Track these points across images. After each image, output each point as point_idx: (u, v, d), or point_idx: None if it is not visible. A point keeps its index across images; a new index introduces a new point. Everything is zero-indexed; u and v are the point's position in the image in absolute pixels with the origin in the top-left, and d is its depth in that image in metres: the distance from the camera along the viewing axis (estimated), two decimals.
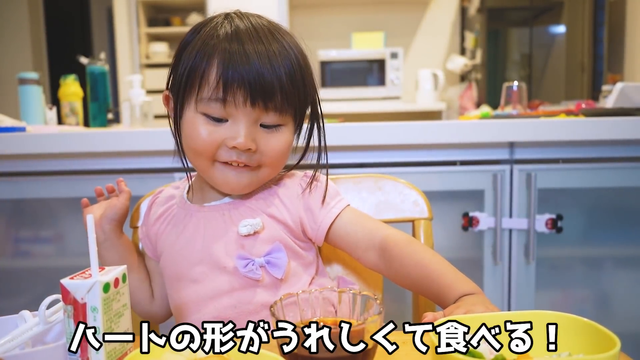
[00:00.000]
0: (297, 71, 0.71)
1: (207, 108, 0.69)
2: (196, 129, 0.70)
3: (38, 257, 1.50)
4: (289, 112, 0.72)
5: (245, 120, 0.69)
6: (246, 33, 0.69)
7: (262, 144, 0.71)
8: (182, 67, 0.71)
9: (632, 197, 1.43)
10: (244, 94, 0.67)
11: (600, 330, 0.48)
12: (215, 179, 0.73)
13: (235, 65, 0.67)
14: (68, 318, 0.50)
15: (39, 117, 1.74)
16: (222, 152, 0.70)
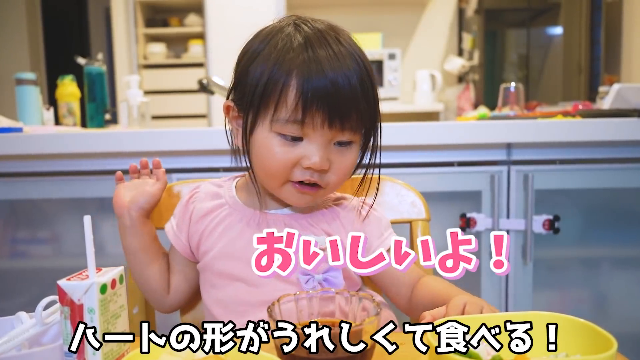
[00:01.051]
0: (370, 88, 0.69)
1: (283, 128, 0.68)
2: (271, 150, 0.69)
3: (35, 258, 1.50)
4: (360, 130, 0.71)
5: (321, 141, 0.68)
6: (320, 45, 0.67)
7: (334, 163, 0.70)
8: (253, 80, 0.69)
9: (629, 198, 1.44)
10: (322, 116, 0.66)
11: (598, 331, 0.48)
12: (282, 196, 0.73)
13: (313, 84, 0.65)
14: (65, 319, 0.50)
15: (36, 117, 1.73)
16: (296, 172, 0.70)
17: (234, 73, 0.75)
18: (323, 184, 0.71)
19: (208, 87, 1.91)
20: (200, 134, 1.34)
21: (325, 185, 0.71)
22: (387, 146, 1.38)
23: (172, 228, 0.83)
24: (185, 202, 0.83)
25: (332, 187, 0.73)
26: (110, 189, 1.41)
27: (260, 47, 0.70)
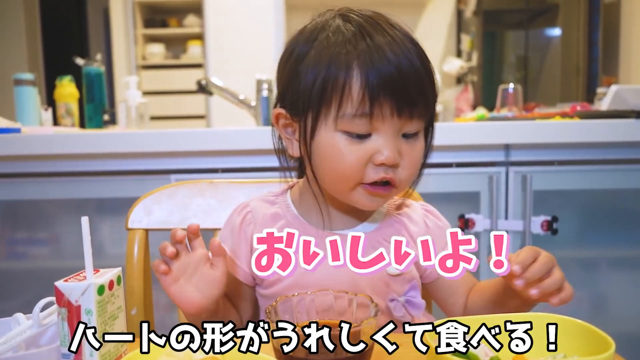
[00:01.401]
0: (430, 69, 0.65)
1: (350, 125, 0.62)
2: (339, 150, 0.63)
3: (33, 258, 1.49)
4: (426, 118, 0.67)
5: (390, 132, 0.63)
6: (374, 29, 0.63)
7: (405, 156, 0.65)
8: (307, 80, 0.63)
9: (627, 198, 1.44)
10: (390, 104, 0.61)
11: (595, 332, 0.48)
12: (352, 201, 0.67)
13: (376, 71, 0.60)
14: (62, 321, 0.50)
15: (35, 118, 1.73)
16: (368, 172, 0.64)
17: (279, 78, 0.70)
18: (396, 182, 0.65)
19: (207, 88, 1.92)
20: (199, 135, 1.34)
21: (398, 183, 0.66)
22: None
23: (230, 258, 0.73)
24: (238, 226, 0.74)
25: (403, 184, 0.67)
26: (109, 189, 1.42)
27: (307, 46, 0.65)
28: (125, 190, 1.40)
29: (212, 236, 0.92)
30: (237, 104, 1.91)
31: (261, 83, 1.82)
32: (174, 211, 0.91)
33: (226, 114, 3.18)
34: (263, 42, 3.42)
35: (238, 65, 3.38)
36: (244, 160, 1.37)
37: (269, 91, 1.81)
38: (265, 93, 1.81)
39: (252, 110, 1.87)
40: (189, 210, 0.91)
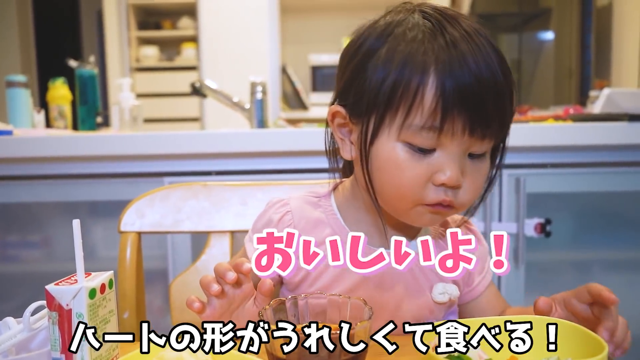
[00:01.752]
0: (513, 84, 0.59)
1: (414, 137, 0.56)
2: (399, 164, 0.57)
3: (25, 262, 1.48)
4: (497, 139, 0.60)
5: (457, 151, 0.57)
6: (462, 39, 0.56)
7: (468, 178, 0.59)
8: (375, 79, 0.57)
9: (620, 201, 1.44)
10: (464, 121, 0.55)
11: (589, 335, 0.48)
12: (409, 219, 0.62)
13: (455, 81, 0.54)
14: (53, 325, 0.49)
15: (27, 120, 1.72)
16: (429, 192, 0.58)
17: (341, 73, 0.63)
18: (457, 204, 0.60)
19: (201, 91, 1.91)
20: (193, 137, 1.34)
21: (459, 205, 0.60)
22: None
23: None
24: (275, 225, 0.68)
25: (465, 207, 0.62)
26: (102, 192, 1.41)
27: (379, 41, 0.58)
28: (118, 193, 1.39)
29: (204, 239, 0.92)
30: (231, 106, 1.91)
31: (255, 85, 1.81)
32: (166, 214, 0.91)
33: (220, 116, 3.17)
34: (257, 44, 3.42)
35: (232, 68, 3.37)
36: (238, 162, 1.37)
37: (263, 94, 1.81)
38: (259, 95, 1.81)
39: (246, 112, 1.86)
40: (182, 213, 0.91)
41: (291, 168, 1.35)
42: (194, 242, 1.38)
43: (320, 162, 1.34)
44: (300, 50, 3.79)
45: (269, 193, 0.92)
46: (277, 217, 0.69)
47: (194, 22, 3.77)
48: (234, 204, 0.91)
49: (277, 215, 0.69)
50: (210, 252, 0.90)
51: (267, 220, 0.69)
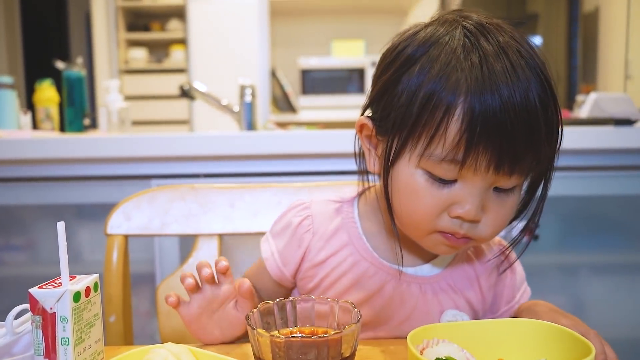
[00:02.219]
0: (555, 123, 0.54)
1: (434, 167, 0.54)
2: (417, 191, 0.55)
3: (9, 265, 1.46)
4: (534, 171, 0.57)
5: (480, 186, 0.54)
6: (498, 61, 0.52)
7: (490, 212, 0.56)
8: (406, 95, 0.54)
9: (606, 205, 1.46)
10: (489, 157, 0.51)
11: (576, 338, 0.49)
12: (424, 245, 0.61)
13: (485, 116, 0.50)
14: (36, 329, 0.48)
15: (13, 122, 1.70)
16: (442, 221, 0.56)
17: (375, 80, 0.60)
18: (475, 237, 0.57)
19: (189, 93, 1.90)
20: (181, 140, 1.33)
21: (477, 238, 0.58)
22: None
23: (274, 257, 0.68)
24: (294, 228, 0.67)
25: (484, 240, 0.60)
26: (88, 194, 1.39)
27: (415, 56, 0.55)
28: (105, 195, 1.38)
29: (192, 242, 0.91)
30: (220, 109, 1.90)
31: (244, 88, 1.81)
32: (154, 216, 0.90)
33: (209, 119, 3.16)
34: (247, 47, 3.42)
35: (221, 71, 3.36)
36: (226, 165, 1.36)
37: (252, 96, 1.81)
38: (248, 98, 1.80)
39: (235, 115, 1.86)
40: (169, 215, 0.90)
41: (280, 171, 1.35)
42: (181, 245, 1.37)
43: (309, 164, 1.34)
44: (290, 54, 3.79)
45: (257, 196, 0.91)
46: (297, 222, 0.67)
47: (183, 25, 3.76)
48: (222, 206, 0.91)
49: (297, 219, 0.67)
50: (198, 255, 0.90)
51: (287, 223, 0.68)
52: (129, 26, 3.94)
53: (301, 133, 1.46)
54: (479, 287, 0.67)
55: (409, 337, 0.47)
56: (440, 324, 0.51)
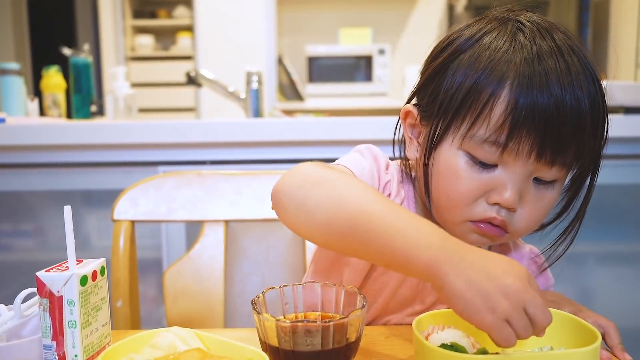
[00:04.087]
0: (601, 118, 0.55)
1: (476, 149, 0.54)
2: (456, 172, 0.56)
3: (18, 251, 1.47)
4: (575, 167, 0.57)
5: (520, 172, 0.54)
6: (550, 56, 0.53)
7: (527, 203, 0.56)
8: (452, 83, 0.56)
9: (614, 194, 1.45)
10: (531, 143, 0.52)
11: (582, 325, 0.48)
12: (456, 234, 0.56)
13: (531, 101, 0.51)
14: (44, 312, 0.49)
15: (20, 108, 1.71)
16: (479, 207, 0.56)
17: (423, 70, 0.61)
18: (509, 229, 0.57)
19: (196, 80, 1.90)
20: (188, 127, 1.33)
21: (512, 231, 0.57)
22: (376, 141, 1.38)
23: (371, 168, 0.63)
24: (383, 166, 0.65)
25: (518, 234, 0.59)
26: (95, 181, 1.40)
27: (467, 43, 0.56)
28: (112, 182, 1.38)
29: (199, 228, 0.91)
30: (226, 96, 1.89)
31: (251, 75, 1.80)
32: (160, 202, 0.90)
33: (216, 106, 3.16)
34: (253, 34, 3.40)
35: (228, 58, 3.35)
36: (233, 152, 1.36)
37: (258, 83, 1.80)
38: (255, 85, 1.80)
39: (241, 102, 1.85)
40: (175, 201, 0.90)
41: (286, 158, 1.35)
42: (188, 231, 1.38)
43: (316, 152, 1.34)
44: (297, 41, 3.77)
45: (263, 182, 0.91)
46: (384, 163, 0.66)
47: (189, 11, 3.74)
48: (228, 193, 0.91)
49: (384, 161, 0.66)
50: (204, 241, 0.90)
51: (376, 159, 0.65)
52: (136, 13, 3.93)
53: (307, 120, 1.46)
54: None
55: (415, 323, 0.47)
56: (445, 310, 0.51)
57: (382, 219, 0.48)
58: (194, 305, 0.89)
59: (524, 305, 0.42)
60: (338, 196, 0.51)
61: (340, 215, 0.50)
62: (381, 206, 0.49)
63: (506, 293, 0.42)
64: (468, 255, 0.44)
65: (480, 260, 0.44)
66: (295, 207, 0.53)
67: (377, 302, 0.66)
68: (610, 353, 0.56)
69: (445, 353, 0.43)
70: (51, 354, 0.48)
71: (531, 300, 0.42)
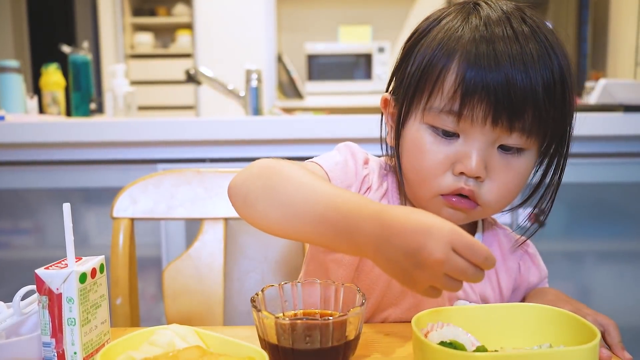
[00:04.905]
0: (558, 83, 0.56)
1: (435, 120, 0.57)
2: (421, 146, 0.58)
3: (17, 248, 1.47)
4: (538, 135, 0.57)
5: (481, 140, 0.56)
6: (498, 25, 0.55)
7: (495, 172, 0.57)
8: (414, 65, 0.59)
9: (613, 192, 1.45)
10: (485, 109, 0.54)
11: (581, 322, 0.48)
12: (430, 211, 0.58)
13: (479, 70, 0.53)
14: (43, 309, 0.49)
15: (19, 106, 1.70)
16: (447, 179, 0.57)
17: (397, 60, 0.64)
18: (480, 200, 0.57)
19: (195, 78, 1.89)
20: (187, 124, 1.33)
21: (483, 202, 0.58)
22: (373, 139, 1.38)
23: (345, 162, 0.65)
24: (361, 161, 0.66)
25: (491, 206, 0.59)
26: (95, 178, 1.40)
27: (429, 27, 0.60)
28: (111, 179, 1.38)
29: (198, 226, 0.91)
30: (226, 94, 1.89)
31: (250, 73, 1.80)
32: (159, 200, 0.90)
33: (215, 104, 3.15)
34: (253, 32, 3.39)
35: (227, 55, 3.35)
36: (232, 150, 1.36)
37: (258, 81, 1.80)
38: (254, 83, 1.79)
39: (241, 100, 1.85)
40: (175, 199, 0.90)
41: (286, 156, 1.34)
42: (187, 229, 1.38)
43: (315, 150, 1.34)
44: (296, 39, 3.77)
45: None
46: (362, 158, 0.67)
47: (189, 9, 3.73)
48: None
49: (362, 157, 0.67)
50: (204, 239, 0.90)
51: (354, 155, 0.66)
52: (135, 11, 3.92)
53: (307, 118, 1.46)
54: (497, 285, 0.67)
55: (414, 320, 0.47)
56: (445, 308, 0.51)
57: (317, 202, 0.50)
58: (193, 303, 0.89)
59: (444, 272, 0.43)
60: (272, 186, 0.53)
61: (275, 203, 0.52)
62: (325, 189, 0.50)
63: (422, 267, 0.43)
64: (393, 230, 0.45)
65: (400, 237, 0.44)
66: (241, 201, 0.56)
67: (373, 296, 0.66)
68: (610, 351, 0.56)
69: (444, 351, 0.43)
70: (50, 351, 0.48)
71: (451, 264, 0.43)
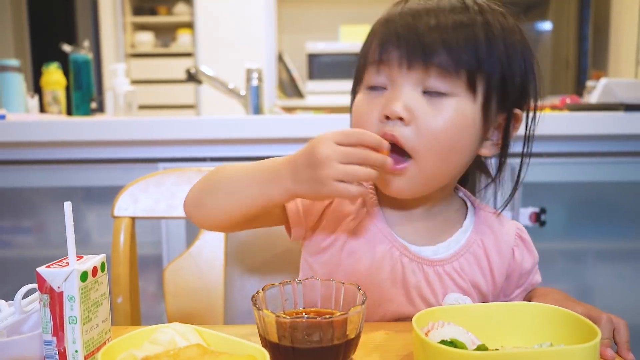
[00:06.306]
0: (478, 27, 0.57)
1: (368, 79, 0.62)
2: (360, 106, 0.62)
3: (18, 247, 1.47)
4: (460, 78, 0.57)
5: (403, 84, 0.58)
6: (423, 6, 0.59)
7: (420, 116, 0.57)
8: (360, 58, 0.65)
9: (615, 191, 1.45)
10: (399, 52, 0.57)
11: (582, 321, 0.48)
12: (380, 185, 0.63)
13: (393, 23, 0.59)
14: (44, 307, 0.49)
15: (20, 105, 1.70)
16: (375, 128, 0.59)
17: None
18: (407, 146, 0.57)
19: (196, 77, 1.89)
20: (188, 123, 1.33)
21: (410, 148, 0.57)
22: None
23: (297, 208, 0.65)
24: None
25: (421, 154, 0.58)
26: (96, 177, 1.40)
27: (379, 21, 0.64)
28: (112, 178, 1.38)
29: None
30: (226, 93, 1.89)
31: (251, 72, 1.80)
32: (160, 199, 0.90)
33: (216, 103, 3.15)
34: (253, 31, 3.39)
35: (228, 54, 3.35)
36: (233, 149, 1.36)
37: (258, 80, 1.80)
38: (255, 82, 1.79)
39: (241, 99, 1.85)
40: (176, 198, 0.90)
41: (286, 155, 1.35)
42: (188, 228, 1.38)
43: None
44: (297, 38, 3.77)
45: None
46: None
47: (189, 8, 3.73)
48: None
49: None
50: (205, 238, 0.90)
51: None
52: (136, 10, 3.92)
53: (308, 117, 1.46)
54: (489, 271, 0.66)
55: (414, 319, 0.48)
56: (445, 307, 0.51)
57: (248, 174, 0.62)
58: (194, 302, 0.89)
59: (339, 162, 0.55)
60: (215, 182, 0.62)
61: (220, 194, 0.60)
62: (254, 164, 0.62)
63: (320, 166, 0.55)
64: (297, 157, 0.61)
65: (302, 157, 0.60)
66: (193, 207, 0.64)
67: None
68: (615, 353, 0.56)
69: (445, 349, 0.43)
70: (51, 350, 0.49)
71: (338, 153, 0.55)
